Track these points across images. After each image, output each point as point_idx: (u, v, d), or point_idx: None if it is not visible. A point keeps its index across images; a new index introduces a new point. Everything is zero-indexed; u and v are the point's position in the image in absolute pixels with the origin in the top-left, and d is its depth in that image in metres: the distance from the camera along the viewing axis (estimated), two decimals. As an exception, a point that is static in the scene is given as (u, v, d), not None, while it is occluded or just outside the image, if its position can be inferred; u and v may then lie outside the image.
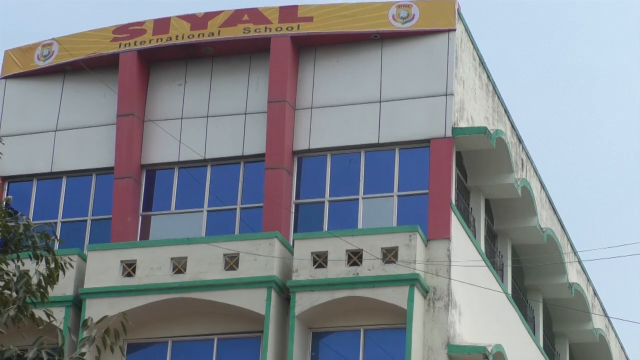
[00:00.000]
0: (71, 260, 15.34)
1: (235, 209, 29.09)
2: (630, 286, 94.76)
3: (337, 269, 26.29)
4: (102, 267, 27.41)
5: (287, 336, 26.25)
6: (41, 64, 31.00)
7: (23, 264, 13.99)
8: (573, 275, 35.81)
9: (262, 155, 28.79)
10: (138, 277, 27.17)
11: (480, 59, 30.53)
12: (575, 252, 36.98)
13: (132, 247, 28.08)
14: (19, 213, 16.49)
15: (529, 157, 33.22)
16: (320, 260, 26.40)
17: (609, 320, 41.27)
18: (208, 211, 29.32)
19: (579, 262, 37.50)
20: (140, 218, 29.57)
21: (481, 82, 30.41)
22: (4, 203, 17.80)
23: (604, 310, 40.55)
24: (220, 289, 26.54)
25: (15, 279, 13.36)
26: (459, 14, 28.93)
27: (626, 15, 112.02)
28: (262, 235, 27.28)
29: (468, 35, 29.65)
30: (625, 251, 31.07)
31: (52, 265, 14.02)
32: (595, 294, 39.74)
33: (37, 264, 14.11)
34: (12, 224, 14.56)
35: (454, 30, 28.64)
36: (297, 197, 28.83)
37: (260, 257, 26.49)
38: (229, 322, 26.82)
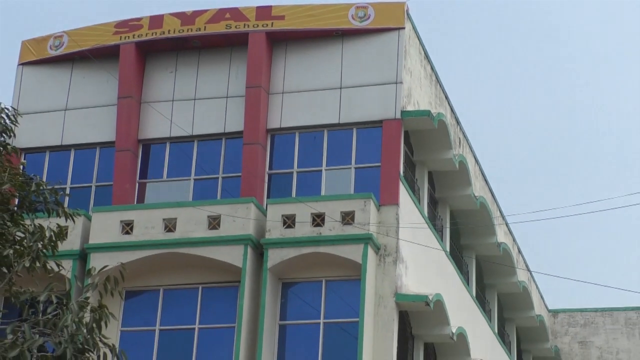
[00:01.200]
0: (78, 215, 15.26)
1: (218, 177, 29.08)
2: (549, 245, 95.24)
3: (303, 229, 26.28)
4: (104, 226, 27.36)
5: (260, 285, 26.23)
6: (53, 53, 30.88)
7: (37, 219, 13.83)
8: (501, 235, 35.92)
9: (241, 132, 28.77)
10: (135, 235, 27.13)
11: (425, 53, 30.55)
12: (503, 216, 37.10)
13: (130, 209, 28.05)
14: (33, 174, 16.32)
15: (465, 136, 33.27)
16: (289, 221, 26.41)
17: (530, 274, 41.41)
18: (194, 179, 29.28)
19: (506, 224, 37.59)
20: (137, 185, 29.54)
21: (426, 72, 30.44)
22: (21, 167, 17.64)
23: (526, 265, 40.71)
24: (204, 245, 26.53)
25: (30, 232, 13.17)
26: (408, 14, 28.99)
27: (553, 7, 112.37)
28: (240, 200, 27.29)
29: (415, 32, 29.66)
30: (546, 215, 31.18)
31: (62, 219, 13.85)
32: (519, 251, 39.88)
33: (48, 217, 13.94)
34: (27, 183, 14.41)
35: (403, 28, 28.69)
36: (270, 168, 28.82)
37: (239, 218, 26.49)
38: (211, 273, 26.77)
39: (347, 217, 26.26)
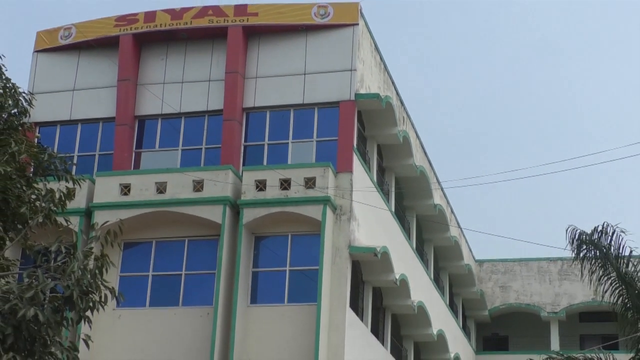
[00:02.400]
0: (83, 180, 15.26)
1: (201, 148, 29.02)
2: (477, 205, 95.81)
3: (273, 192, 26.34)
4: (106, 188, 27.33)
5: (236, 239, 26.31)
6: (63, 42, 30.69)
7: (49, 183, 13.81)
8: (437, 198, 36.06)
9: (221, 110, 28.73)
10: (131, 196, 27.08)
11: (375, 45, 30.55)
12: (438, 182, 37.22)
13: (128, 174, 27.98)
14: (46, 146, 16.30)
15: (408, 115, 33.34)
16: (261, 185, 26.49)
17: (461, 230, 41.63)
18: (182, 149, 29.20)
19: (442, 189, 37.74)
20: (133, 154, 29.46)
21: (375, 61, 30.45)
22: (35, 140, 17.58)
23: (457, 223, 40.89)
24: (189, 205, 26.58)
25: (42, 194, 13.14)
26: (361, 13, 28.98)
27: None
28: (220, 167, 27.27)
29: (367, 28, 29.65)
30: (476, 181, 31.28)
31: (70, 183, 13.84)
32: (452, 211, 40.08)
33: (58, 181, 13.92)
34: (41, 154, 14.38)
35: (357, 24, 28.68)
36: (245, 140, 28.78)
37: (219, 183, 26.49)
38: (195, 228, 26.79)
39: (309, 182, 26.33)
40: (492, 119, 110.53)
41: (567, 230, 25.62)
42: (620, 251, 25.25)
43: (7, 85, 14.29)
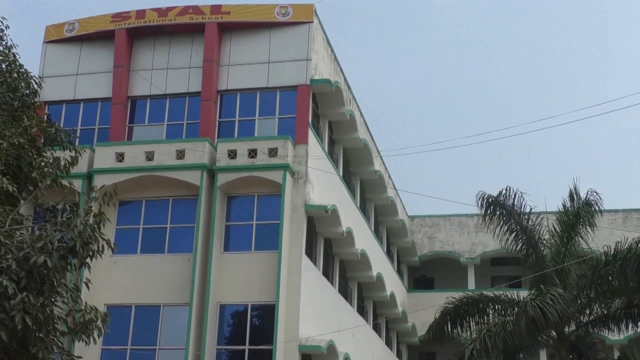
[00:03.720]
0: (84, 150, 15.23)
1: (183, 123, 28.92)
2: (411, 170, 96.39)
3: (242, 159, 26.38)
4: (104, 156, 27.20)
5: (212, 198, 26.31)
6: (68, 35, 30.42)
7: (55, 152, 13.74)
8: (377, 165, 36.23)
9: (199, 92, 28.61)
10: (125, 162, 26.99)
11: (327, 39, 30.53)
12: (378, 152, 37.35)
13: (122, 145, 27.84)
14: (53, 122, 16.25)
15: (354, 97, 33.37)
16: (232, 154, 26.51)
17: (396, 191, 41.86)
18: (167, 124, 29.08)
19: (381, 157, 37.91)
20: (127, 128, 29.30)
21: (327, 52, 30.42)
22: (44, 116, 17.44)
23: (393, 185, 41.08)
24: (173, 170, 26.58)
25: (50, 161, 13.07)
26: (315, 12, 28.99)
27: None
28: (199, 139, 27.22)
29: (320, 25, 29.59)
30: (408, 151, 31.82)
31: (73, 152, 13.79)
32: (389, 176, 40.17)
33: (63, 151, 13.86)
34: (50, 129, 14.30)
35: (312, 22, 28.68)
36: (220, 117, 28.71)
37: (197, 152, 26.50)
38: (178, 189, 26.76)
39: (272, 152, 26.35)
40: (423, 100, 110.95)
41: (476, 195, 26.06)
42: (522, 209, 25.70)
43: (21, 70, 14.25)
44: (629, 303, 25.29)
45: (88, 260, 11.36)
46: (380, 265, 36.92)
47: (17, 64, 14.32)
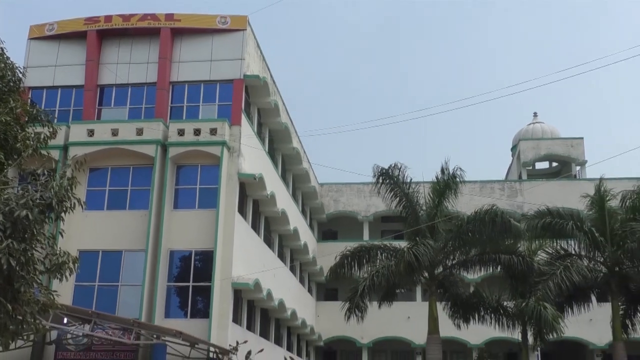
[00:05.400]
0: (61, 128, 14.85)
1: (142, 107, 28.37)
2: (324, 147, 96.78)
3: (189, 137, 26.19)
4: (77, 132, 26.58)
5: (164, 167, 26.05)
6: (48, 34, 29.36)
7: (36, 128, 13.35)
8: (295, 143, 36.25)
9: (155, 83, 28.16)
10: (94, 137, 26.42)
11: (257, 43, 30.29)
12: (296, 132, 37.36)
13: (92, 123, 27.20)
14: (35, 103, 15.77)
15: (277, 90, 33.25)
16: (181, 132, 26.34)
17: (310, 164, 41.93)
18: (129, 108, 28.54)
19: (298, 137, 37.92)
20: (96, 110, 28.61)
21: (257, 54, 30.22)
22: (29, 100, 16.86)
23: (307, 159, 41.04)
24: (134, 144, 26.23)
25: (32, 135, 12.70)
26: (248, 22, 28.74)
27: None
28: (154, 120, 26.79)
29: (252, 32, 29.35)
30: (319, 132, 31.87)
31: (51, 129, 13.41)
32: (304, 151, 40.06)
33: (43, 128, 13.47)
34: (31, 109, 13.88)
35: (246, 29, 28.47)
36: (171, 103, 28.29)
37: (153, 130, 26.17)
38: (137, 159, 26.32)
39: (213, 131, 26.15)
40: (335, 90, 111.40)
41: (373, 167, 26.48)
42: (404, 180, 26.22)
43: (7, 62, 13.80)
44: (482, 251, 26.16)
45: (63, 214, 11.14)
46: (296, 221, 37.14)
47: (5, 56, 13.82)
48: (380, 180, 26.20)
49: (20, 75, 14.13)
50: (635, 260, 23.91)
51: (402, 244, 25.92)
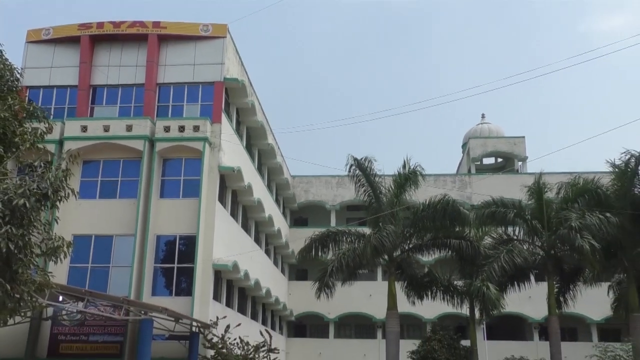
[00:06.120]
0: (56, 124, 14.59)
1: (131, 106, 27.91)
2: (296, 144, 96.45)
3: (174, 133, 25.92)
4: (72, 127, 26.16)
5: (152, 160, 25.75)
6: (44, 38, 28.75)
7: (33, 124, 13.10)
8: (270, 139, 36.00)
9: (143, 84, 27.73)
10: (88, 133, 26.02)
11: (236, 49, 30.05)
12: (271, 130, 37.05)
13: (85, 120, 26.70)
14: (32, 101, 15.47)
15: (254, 91, 32.98)
16: (167, 129, 25.98)
17: (283, 158, 41.81)
18: (119, 106, 28.05)
19: (272, 134, 37.71)
20: (89, 108, 28.09)
21: (236, 59, 29.97)
22: (26, 98, 16.54)
23: (281, 153, 40.90)
24: (124, 139, 25.85)
25: (29, 130, 12.48)
26: (228, 30, 28.46)
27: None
28: (142, 117, 26.40)
29: (231, 39, 29.08)
30: (293, 129, 31.76)
31: (47, 125, 13.17)
32: (278, 147, 39.89)
33: (39, 123, 13.22)
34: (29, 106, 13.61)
35: (226, 37, 28.20)
36: (158, 102, 27.88)
37: (141, 126, 25.79)
38: (127, 153, 25.97)
39: (196, 128, 25.92)
40: (303, 93, 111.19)
41: (347, 156, 26.46)
42: (370, 172, 26.27)
43: (6, 63, 13.49)
44: (435, 237, 26.41)
45: (58, 203, 10.95)
46: (271, 209, 37.05)
47: (3, 57, 13.51)
48: (352, 171, 26.18)
49: (18, 75, 13.84)
50: (566, 244, 24.32)
51: (365, 230, 26.05)
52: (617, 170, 25.56)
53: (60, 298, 18.02)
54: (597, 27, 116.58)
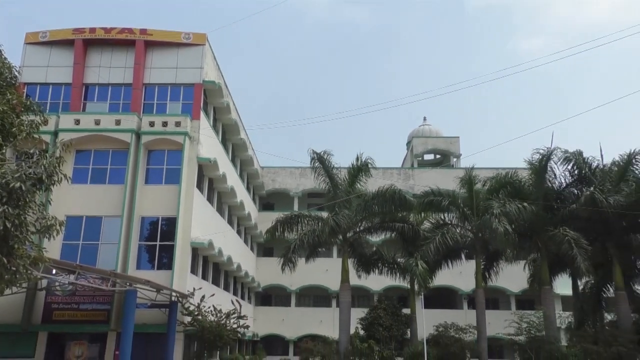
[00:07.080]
0: (51, 117, 14.13)
1: (120, 102, 27.19)
2: (267, 138, 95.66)
3: (158, 127, 25.42)
4: (67, 120, 25.40)
5: (138, 151, 25.22)
6: (41, 40, 27.73)
7: (29, 116, 12.65)
8: (243, 134, 35.64)
9: (131, 83, 27.04)
10: (80, 125, 25.31)
11: (214, 55, 29.56)
12: (243, 126, 36.71)
13: (79, 114, 25.89)
14: (29, 96, 14.94)
15: (229, 92, 32.53)
16: (152, 124, 25.45)
17: (254, 151, 41.42)
18: (109, 103, 27.29)
19: (245, 130, 37.36)
20: (82, 103, 27.25)
21: (214, 63, 29.51)
22: (24, 93, 15.96)
23: (252, 147, 40.48)
24: (113, 132, 25.23)
25: (26, 122, 12.06)
26: (207, 38, 27.94)
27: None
28: (130, 113, 25.80)
29: (210, 46, 28.58)
30: (263, 126, 31.45)
31: (42, 118, 12.75)
32: (250, 141, 39.54)
33: (35, 116, 12.79)
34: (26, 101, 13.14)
35: (205, 44, 27.72)
36: (144, 100, 27.23)
37: (129, 121, 25.24)
38: (116, 144, 25.37)
39: (177, 124, 25.51)
40: (275, 93, 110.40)
41: (308, 151, 26.48)
42: (329, 164, 26.32)
43: (5, 61, 12.98)
44: (383, 220, 26.68)
45: (51, 186, 10.64)
46: (242, 195, 36.75)
47: (3, 57, 13.00)
48: (313, 163, 26.22)
49: (16, 72, 13.35)
50: (490, 229, 24.88)
51: (324, 214, 26.12)
52: (531, 166, 26.24)
53: (54, 271, 17.56)
54: (522, 45, 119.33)
